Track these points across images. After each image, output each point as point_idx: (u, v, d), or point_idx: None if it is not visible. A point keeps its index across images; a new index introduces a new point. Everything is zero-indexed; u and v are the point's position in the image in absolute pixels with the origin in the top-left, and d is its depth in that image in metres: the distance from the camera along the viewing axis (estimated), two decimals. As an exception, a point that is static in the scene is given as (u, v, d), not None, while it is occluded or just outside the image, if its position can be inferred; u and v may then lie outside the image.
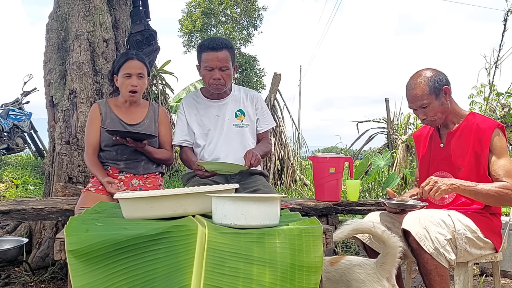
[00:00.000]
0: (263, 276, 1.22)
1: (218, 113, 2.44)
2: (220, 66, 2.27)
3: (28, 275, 2.83)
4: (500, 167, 1.90)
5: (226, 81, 2.32)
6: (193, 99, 2.51)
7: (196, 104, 2.49)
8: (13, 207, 2.44)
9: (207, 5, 22.63)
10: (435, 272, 1.73)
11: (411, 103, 2.02)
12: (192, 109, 2.48)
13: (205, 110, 2.46)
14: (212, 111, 2.45)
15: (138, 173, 2.45)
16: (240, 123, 2.45)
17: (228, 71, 2.31)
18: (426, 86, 1.95)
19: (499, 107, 5.50)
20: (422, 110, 1.99)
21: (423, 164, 2.17)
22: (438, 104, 1.97)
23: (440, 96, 1.97)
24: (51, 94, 3.34)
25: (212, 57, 2.26)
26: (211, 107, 2.46)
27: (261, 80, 22.87)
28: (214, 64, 2.26)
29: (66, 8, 3.41)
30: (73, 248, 1.14)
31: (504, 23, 4.66)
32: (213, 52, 2.26)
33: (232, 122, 2.44)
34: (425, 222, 1.75)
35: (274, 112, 7.67)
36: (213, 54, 2.26)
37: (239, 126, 2.44)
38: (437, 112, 1.98)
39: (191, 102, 2.50)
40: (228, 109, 2.45)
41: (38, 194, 5.12)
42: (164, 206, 1.37)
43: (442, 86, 1.97)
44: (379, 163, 5.01)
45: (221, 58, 2.26)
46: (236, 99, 2.48)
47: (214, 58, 2.26)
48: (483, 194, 1.84)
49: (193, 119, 2.47)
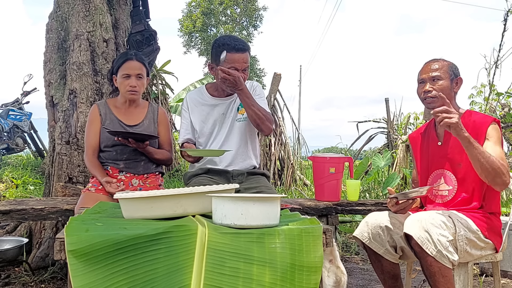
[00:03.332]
0: (263, 276, 1.22)
1: (225, 111, 2.41)
2: (245, 67, 2.28)
3: (28, 275, 2.83)
4: (494, 151, 1.86)
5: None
6: (198, 96, 2.46)
7: (201, 101, 2.44)
8: (13, 207, 2.44)
9: (207, 5, 22.64)
10: (439, 274, 1.73)
11: (424, 73, 2.04)
12: (197, 106, 2.43)
13: (211, 108, 2.42)
14: (218, 110, 2.41)
15: (138, 173, 2.45)
16: (241, 117, 2.40)
17: (247, 71, 2.32)
18: (446, 65, 2.04)
19: (499, 107, 5.51)
20: (432, 82, 2.01)
21: (423, 163, 2.17)
22: (448, 85, 2.01)
23: (453, 81, 2.03)
24: (51, 94, 3.34)
25: (238, 58, 2.25)
26: (218, 106, 2.42)
27: (261, 80, 22.88)
28: (240, 66, 2.26)
29: (66, 8, 3.41)
30: (73, 248, 1.14)
31: (504, 23, 4.67)
32: (240, 54, 2.25)
33: (235, 117, 2.41)
34: (426, 225, 1.74)
35: (274, 112, 7.66)
36: (239, 56, 2.25)
37: (240, 121, 2.41)
38: (443, 92, 1.96)
39: (195, 100, 2.45)
40: (235, 105, 2.42)
41: (38, 194, 5.12)
42: (164, 206, 1.37)
43: (458, 75, 2.05)
44: (379, 163, 5.01)
45: (246, 60, 2.29)
46: None
47: (240, 59, 2.25)
48: (485, 156, 1.78)
49: (197, 117, 2.43)
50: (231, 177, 2.37)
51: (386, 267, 2.03)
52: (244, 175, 2.39)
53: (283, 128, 7.52)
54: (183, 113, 2.47)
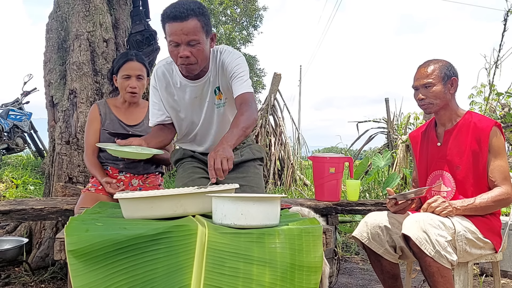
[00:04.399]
0: (263, 276, 1.22)
1: (198, 95, 2.00)
2: (188, 40, 1.75)
3: (28, 275, 2.83)
4: (496, 168, 1.94)
5: (198, 59, 1.82)
6: (169, 75, 2.02)
7: (170, 81, 2.02)
8: (13, 207, 2.44)
9: (207, 5, 22.62)
10: (438, 274, 1.73)
11: (416, 80, 2.05)
12: (168, 87, 2.03)
13: (182, 91, 2.01)
14: (189, 93, 2.00)
15: (137, 173, 2.45)
16: (221, 102, 2.02)
17: (199, 45, 1.78)
18: (438, 68, 2.01)
19: (499, 107, 5.51)
20: (424, 89, 2.01)
21: (421, 163, 2.17)
22: (441, 90, 1.99)
23: (446, 83, 2.01)
24: (51, 94, 3.34)
25: (175, 30, 1.74)
26: (188, 88, 1.99)
27: (261, 80, 22.88)
28: (179, 39, 1.75)
29: (66, 8, 3.41)
30: (73, 248, 1.14)
31: (504, 23, 4.66)
32: (177, 23, 1.73)
33: (213, 102, 2.02)
34: (424, 225, 1.75)
35: (274, 112, 7.67)
36: (177, 26, 1.73)
37: (220, 106, 2.03)
38: (437, 98, 1.99)
39: (165, 79, 2.03)
40: (207, 89, 1.99)
41: (38, 194, 5.12)
42: (164, 206, 1.37)
43: (452, 76, 2.02)
44: (379, 163, 5.01)
45: (188, 30, 1.74)
46: (214, 75, 1.98)
47: (179, 30, 1.73)
48: (482, 207, 1.91)
49: (166, 100, 2.06)
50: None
51: (386, 267, 2.03)
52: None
53: (283, 128, 7.53)
54: (153, 91, 2.07)
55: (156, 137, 2.06)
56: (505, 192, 1.91)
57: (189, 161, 2.19)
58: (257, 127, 7.54)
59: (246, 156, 2.16)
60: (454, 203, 1.89)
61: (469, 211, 1.90)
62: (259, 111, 8.04)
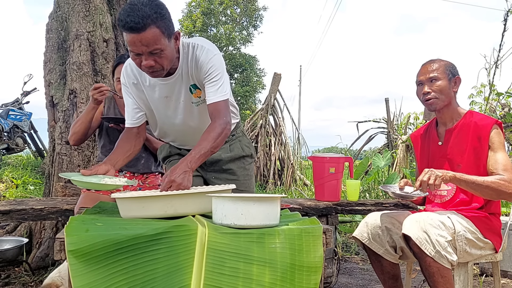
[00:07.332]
0: (263, 276, 1.22)
1: (168, 94, 1.86)
2: (149, 50, 1.63)
3: (28, 275, 2.83)
4: (496, 161, 1.91)
5: (163, 65, 1.69)
6: (137, 72, 1.87)
7: (139, 79, 1.88)
8: (13, 207, 2.44)
9: (207, 5, 22.61)
10: (438, 274, 1.73)
11: (422, 75, 2.04)
12: (137, 85, 1.90)
13: (151, 90, 1.87)
14: (158, 92, 1.87)
15: (138, 172, 2.46)
16: (199, 100, 1.87)
17: (163, 52, 1.66)
18: (443, 66, 2.03)
19: (499, 107, 5.51)
20: (430, 83, 2.01)
21: (423, 162, 2.17)
22: (446, 85, 2.00)
23: (451, 81, 2.02)
24: (51, 94, 3.34)
25: (134, 41, 1.60)
26: (157, 87, 1.86)
27: (261, 80, 22.86)
28: (139, 50, 1.63)
29: (66, 8, 3.41)
30: (73, 248, 1.14)
31: (504, 23, 4.66)
32: (135, 34, 1.58)
33: (190, 100, 1.88)
34: (425, 225, 1.75)
35: (274, 112, 7.67)
36: (135, 37, 1.59)
37: (199, 104, 1.88)
38: (442, 93, 1.99)
39: (134, 76, 1.89)
40: (179, 87, 1.85)
41: (38, 194, 5.12)
42: (155, 206, 1.39)
43: (456, 75, 2.04)
44: (379, 163, 5.01)
45: (148, 41, 1.60)
46: (186, 72, 1.83)
47: (137, 42, 1.60)
48: (478, 183, 1.82)
49: (139, 98, 1.93)
50: (204, 164, 1.96)
51: (386, 267, 2.03)
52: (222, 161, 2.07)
53: (283, 128, 7.53)
54: (124, 89, 1.93)
55: (123, 152, 1.91)
56: (505, 179, 1.84)
57: (177, 159, 2.09)
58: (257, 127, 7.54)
59: (235, 152, 2.10)
60: (448, 172, 1.83)
61: (465, 183, 1.83)
62: (259, 111, 8.04)
